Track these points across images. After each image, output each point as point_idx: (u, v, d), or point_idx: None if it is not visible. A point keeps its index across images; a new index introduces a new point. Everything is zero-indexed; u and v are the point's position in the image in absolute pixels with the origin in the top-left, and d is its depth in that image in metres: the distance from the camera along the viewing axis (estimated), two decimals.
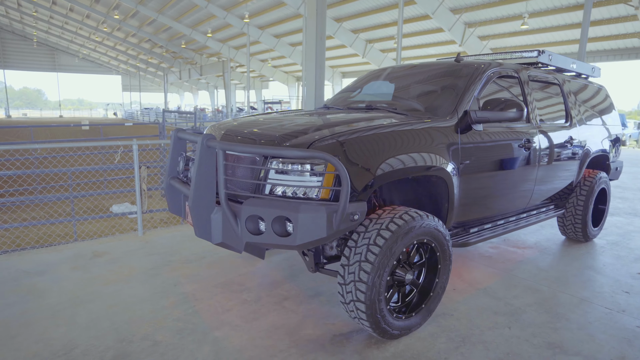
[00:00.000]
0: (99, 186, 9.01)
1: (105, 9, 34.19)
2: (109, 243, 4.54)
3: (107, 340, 2.65)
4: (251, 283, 3.55)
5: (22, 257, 4.07)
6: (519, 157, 3.61)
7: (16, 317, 2.92)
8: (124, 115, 55.81)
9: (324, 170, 2.34)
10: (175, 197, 3.06)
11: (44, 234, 5.94)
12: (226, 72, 34.88)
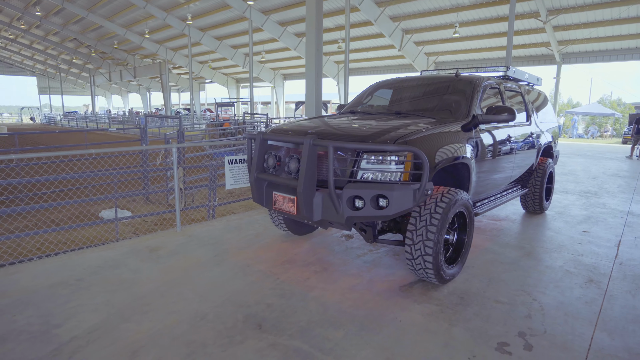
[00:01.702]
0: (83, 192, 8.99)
1: (22, 4, 31.70)
2: (153, 240, 4.99)
3: (228, 307, 3.28)
4: (310, 259, 4.30)
5: (84, 256, 4.43)
6: (506, 148, 4.74)
7: (131, 299, 3.42)
8: (43, 120, 51.61)
9: (404, 159, 3.20)
10: (260, 188, 3.73)
11: (65, 239, 6.11)
12: (164, 74, 34.00)
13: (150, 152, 9.93)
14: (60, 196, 8.57)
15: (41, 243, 6.25)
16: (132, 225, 7.99)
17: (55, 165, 8.30)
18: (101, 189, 9.35)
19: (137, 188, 9.27)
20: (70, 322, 3.06)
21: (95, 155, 8.99)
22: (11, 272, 3.98)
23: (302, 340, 2.80)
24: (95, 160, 8.85)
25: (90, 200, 7.11)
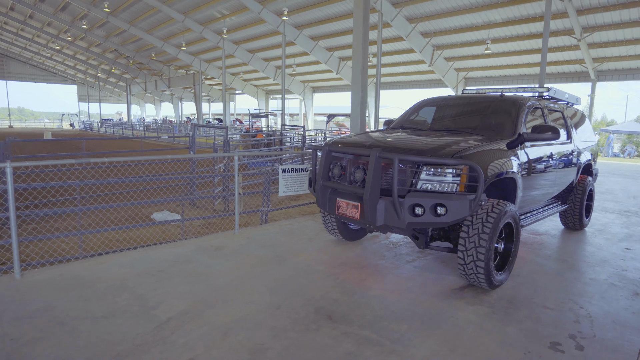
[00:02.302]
0: (136, 195, 9.60)
1: (70, 17, 33.59)
2: (216, 240, 5.44)
3: (297, 300, 3.66)
4: (363, 262, 4.66)
5: (158, 251, 4.91)
6: (548, 165, 5.01)
7: (210, 290, 3.84)
8: (81, 126, 53.94)
9: (461, 172, 3.54)
10: (325, 195, 4.13)
11: (123, 237, 6.65)
12: (197, 84, 35.24)
13: (198, 160, 10.51)
14: (114, 198, 9.17)
15: (105, 239, 6.79)
16: (181, 228, 8.52)
17: (109, 170, 8.93)
18: (153, 192, 9.95)
19: (184, 193, 9.84)
20: (163, 305, 3.49)
21: (157, 161, 9.61)
22: (100, 261, 4.48)
23: (371, 331, 3.15)
24: (149, 165, 9.44)
25: (144, 203, 7.66)
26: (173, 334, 3.05)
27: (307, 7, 22.38)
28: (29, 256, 5.15)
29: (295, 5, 22.44)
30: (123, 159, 4.82)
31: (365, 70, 8.23)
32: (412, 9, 20.42)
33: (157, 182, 10.11)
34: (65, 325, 3.15)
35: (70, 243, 6.58)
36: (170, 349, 2.85)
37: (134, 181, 7.69)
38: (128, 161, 7.62)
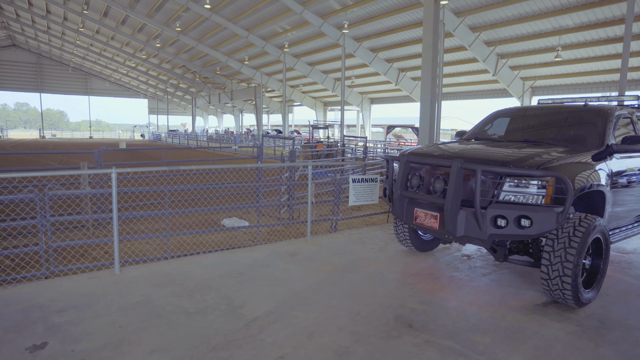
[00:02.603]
0: (206, 202, 10.13)
1: (145, 37, 36.32)
2: (289, 246, 5.64)
3: (376, 307, 3.72)
4: (437, 273, 4.62)
5: (236, 255, 5.18)
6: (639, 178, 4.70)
7: (290, 293, 4.00)
8: (151, 137, 57.71)
9: (546, 184, 3.45)
10: (402, 205, 4.18)
11: (194, 241, 7.06)
12: (258, 97, 36.55)
13: (265, 169, 10.93)
14: (186, 204, 9.74)
15: (181, 242, 7.24)
16: (249, 234, 8.86)
17: (182, 177, 9.51)
18: (222, 200, 10.46)
19: (251, 201, 10.25)
20: (249, 305, 3.70)
21: (238, 169, 10.13)
22: (185, 262, 4.83)
23: (454, 341, 3.14)
24: (219, 174, 9.96)
25: (213, 210, 8.08)
26: (261, 333, 3.22)
27: (368, 20, 22.58)
28: (126, 253, 5.65)
29: (356, 18, 22.73)
30: (208, 167, 5.17)
31: (435, 81, 8.19)
32: (475, 18, 19.95)
33: (226, 189, 10.62)
34: (163, 318, 3.44)
35: (152, 244, 7.10)
36: (260, 347, 3.02)
37: (217, 188, 8.13)
38: (212, 169, 8.12)
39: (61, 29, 40.48)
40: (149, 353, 2.91)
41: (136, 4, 28.52)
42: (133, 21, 32.61)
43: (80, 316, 3.43)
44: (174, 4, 26.75)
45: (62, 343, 3.02)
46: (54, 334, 3.13)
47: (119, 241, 4.46)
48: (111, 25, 34.56)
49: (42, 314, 3.46)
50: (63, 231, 7.02)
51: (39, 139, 53.66)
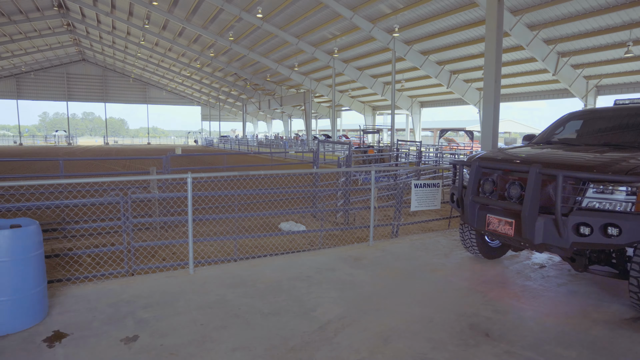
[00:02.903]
0: (263, 206, 10.40)
1: (200, 47, 37.94)
2: (352, 251, 5.67)
3: (449, 314, 3.66)
4: (508, 282, 4.47)
5: (301, 258, 5.28)
6: None
7: (359, 298, 4.03)
8: (203, 142, 60.06)
9: (636, 190, 3.24)
10: (473, 210, 4.09)
11: (255, 244, 7.25)
12: (307, 102, 37.03)
13: (321, 174, 11.07)
14: (242, 208, 10.03)
15: (240, 245, 7.47)
16: (306, 238, 8.98)
17: (244, 181, 9.80)
18: (278, 204, 10.69)
19: (308, 205, 10.39)
20: (320, 308, 3.76)
21: (291, 174, 10.36)
22: (254, 264, 4.99)
23: (536, 353, 3.02)
24: (275, 179, 10.21)
25: (271, 214, 8.27)
26: (336, 336, 3.27)
27: (418, 22, 22.27)
28: (198, 254, 5.93)
29: (406, 21, 22.50)
30: (278, 172, 5.32)
31: (499, 84, 7.93)
32: (533, 16, 19.09)
33: (283, 194, 10.84)
34: (240, 317, 3.58)
35: (215, 245, 7.38)
36: (337, 349, 3.07)
37: (290, 192, 8.31)
38: (282, 174, 8.34)
39: (124, 43, 43.25)
40: (232, 351, 3.04)
41: (192, 16, 29.90)
42: (189, 33, 34.21)
43: (164, 313, 3.64)
44: (227, 14, 27.78)
45: (151, 337, 3.22)
46: (142, 328, 3.35)
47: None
48: (169, 37, 36.46)
49: (130, 309, 3.71)
50: (137, 232, 7.48)
51: (103, 146, 57.49)
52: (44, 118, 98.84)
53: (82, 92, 59.88)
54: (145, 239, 7.21)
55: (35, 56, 50.04)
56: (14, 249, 3.22)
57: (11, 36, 38.88)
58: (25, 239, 3.28)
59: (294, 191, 8.71)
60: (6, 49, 42.38)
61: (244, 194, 5.90)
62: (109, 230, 6.38)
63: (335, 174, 11.40)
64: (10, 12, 32.93)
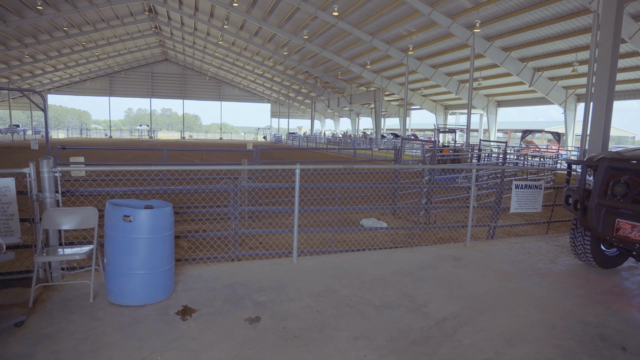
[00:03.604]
0: (345, 201, 10.47)
1: (274, 46, 39.04)
2: (449, 250, 5.53)
3: (571, 322, 3.44)
4: (634, 294, 4.10)
5: (399, 255, 5.24)
6: None
7: (470, 297, 3.91)
8: (272, 139, 61.85)
9: None
10: (599, 214, 3.81)
11: (336, 239, 7.30)
12: (377, 100, 36.74)
13: (403, 171, 10.93)
14: (327, 203, 10.15)
15: (322, 239, 7.57)
16: (388, 235, 8.91)
17: (325, 176, 9.92)
18: (359, 200, 10.71)
19: (388, 202, 10.31)
20: (432, 305, 3.71)
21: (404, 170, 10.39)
22: (352, 257, 5.04)
23: None
24: (359, 174, 10.23)
25: (352, 209, 8.26)
26: (455, 333, 3.20)
27: (501, 17, 21.15)
28: (300, 244, 6.12)
29: (488, 15, 21.47)
30: (383, 167, 5.33)
31: (614, 79, 7.26)
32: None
33: (364, 190, 10.85)
34: (353, 308, 3.62)
35: (303, 236, 7.55)
36: (459, 347, 3.00)
37: (380, 187, 8.33)
38: (385, 169, 8.40)
39: (204, 43, 45.71)
40: (353, 339, 3.09)
41: (269, 16, 30.83)
42: (264, 32, 35.33)
43: (278, 298, 3.79)
44: (303, 13, 28.31)
45: (272, 319, 3.37)
46: (262, 311, 3.51)
47: (283, 232, 4.83)
48: (245, 37, 37.92)
49: (246, 291, 3.91)
50: (226, 221, 7.85)
51: (180, 139, 61.27)
52: (129, 113, 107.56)
53: (164, 89, 64.23)
54: (247, 226, 7.56)
55: (126, 57, 54.50)
56: (153, 227, 3.52)
57: (108, 39, 42.69)
58: (162, 218, 3.57)
59: (376, 187, 8.67)
60: (103, 51, 46.59)
61: (348, 187, 5.97)
62: (215, 216, 6.79)
63: (415, 173, 11.18)
64: (109, 17, 36.18)
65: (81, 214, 3.82)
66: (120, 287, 3.53)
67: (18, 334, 3.02)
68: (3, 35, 32.84)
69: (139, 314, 3.39)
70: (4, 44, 34.96)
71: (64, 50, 42.29)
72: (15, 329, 3.09)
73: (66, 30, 35.54)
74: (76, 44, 41.43)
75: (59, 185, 4.00)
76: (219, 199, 6.34)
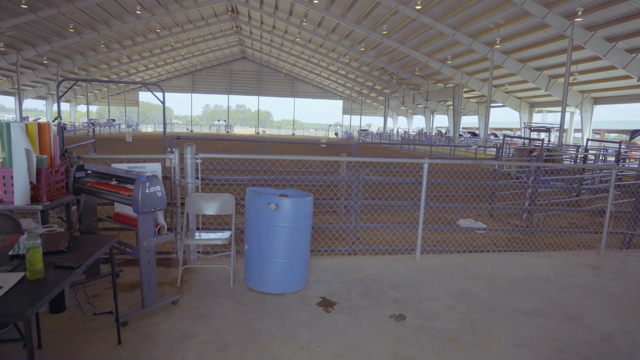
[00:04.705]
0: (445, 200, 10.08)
1: (350, 42, 38.95)
2: (580, 257, 5.04)
3: None
4: None
5: (526, 259, 4.86)
6: None
7: (627, 311, 3.48)
8: (343, 135, 61.96)
9: None
10: None
11: (432, 238, 6.97)
12: (456, 97, 35.30)
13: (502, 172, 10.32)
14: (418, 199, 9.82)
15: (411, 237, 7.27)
16: (487, 237, 8.41)
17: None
18: (456, 199, 10.26)
19: (484, 203, 9.75)
20: (588, 317, 3.35)
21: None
22: (476, 258, 4.76)
23: None
24: (456, 172, 9.75)
25: (449, 207, 7.86)
26: (632, 353, 2.85)
27: (608, 4, 19.19)
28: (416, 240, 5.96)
29: (592, 2, 19.58)
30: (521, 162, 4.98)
31: None
32: None
33: (462, 189, 10.34)
34: (499, 312, 3.38)
35: (395, 234, 7.35)
36: None
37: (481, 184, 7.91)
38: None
39: (281, 41, 46.85)
40: (514, 347, 2.85)
41: (347, 12, 30.76)
42: (342, 28, 35.34)
43: (414, 296, 3.64)
44: (383, 8, 27.87)
45: (418, 318, 3.22)
46: (403, 308, 3.39)
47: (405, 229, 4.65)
48: (322, 34, 38.21)
49: (379, 287, 3.81)
50: (338, 214, 7.78)
51: (255, 134, 63.50)
52: (206, 109, 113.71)
53: (240, 86, 66.96)
54: (360, 220, 7.51)
55: (208, 56, 57.53)
56: (296, 216, 3.53)
57: (193, 39, 45.36)
58: (305, 208, 3.57)
59: (479, 184, 8.21)
60: (188, 50, 49.60)
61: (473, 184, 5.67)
62: (328, 209, 6.82)
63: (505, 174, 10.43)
64: (195, 19, 38.39)
65: (220, 200, 3.95)
66: (260, 274, 3.59)
67: (176, 312, 3.17)
68: (107, 39, 36.16)
69: (281, 302, 3.42)
70: (107, 47, 38.49)
71: (155, 50, 45.64)
72: (172, 307, 3.25)
73: (158, 32, 38.27)
74: (166, 45, 44.49)
75: (199, 171, 4.18)
76: (325, 191, 6.32)
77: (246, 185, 5.81)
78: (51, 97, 50.96)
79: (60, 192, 3.59)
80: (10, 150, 3.24)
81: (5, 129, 3.19)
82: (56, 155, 3.62)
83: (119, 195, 3.09)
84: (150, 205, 2.93)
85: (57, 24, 30.50)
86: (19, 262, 2.16)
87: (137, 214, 2.95)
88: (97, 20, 31.90)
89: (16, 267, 2.11)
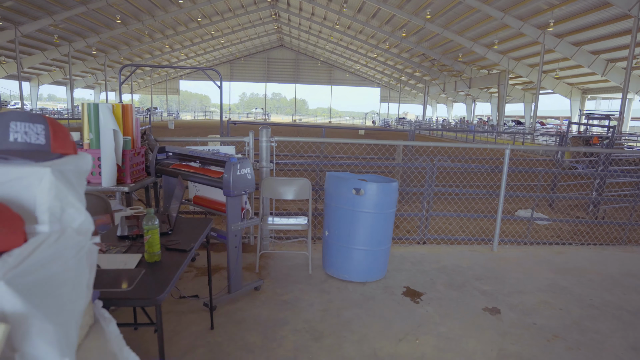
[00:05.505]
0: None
1: (391, 28, 38.07)
2: None
3: None
4: None
5: (602, 252, 4.53)
6: None
7: None
8: (380, 123, 61.14)
9: None
10: None
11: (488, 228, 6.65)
12: (502, 84, 33.92)
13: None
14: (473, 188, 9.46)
15: (480, 226, 6.96)
16: (550, 230, 7.98)
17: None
18: (510, 188, 9.82)
19: (546, 192, 9.26)
20: None
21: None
22: (557, 250, 4.48)
23: None
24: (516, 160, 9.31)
25: (524, 196, 7.46)
26: None
27: None
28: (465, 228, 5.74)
29: None
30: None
31: None
32: None
33: (542, 177, 9.88)
34: (600, 310, 3.14)
35: (453, 223, 7.08)
36: None
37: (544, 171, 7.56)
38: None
39: (319, 28, 46.44)
40: (632, 349, 2.62)
41: None
42: (383, 14, 34.55)
43: (503, 289, 3.45)
44: None
45: (513, 312, 3.04)
46: (495, 301, 3.20)
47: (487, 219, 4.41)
48: (362, 20, 37.53)
49: (463, 278, 3.63)
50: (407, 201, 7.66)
51: (291, 122, 63.76)
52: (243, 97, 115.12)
53: (278, 74, 67.22)
54: (429, 209, 7.34)
55: (246, 44, 57.96)
56: (380, 203, 3.39)
57: (232, 28, 45.74)
58: (390, 194, 3.42)
59: (564, 172, 7.78)
60: (228, 39, 50.15)
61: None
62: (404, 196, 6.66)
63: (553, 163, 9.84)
64: (235, 7, 38.62)
65: (296, 185, 3.86)
66: (341, 262, 3.49)
67: (261, 298, 3.13)
68: (150, 29, 37.05)
69: (365, 291, 3.32)
70: (151, 36, 39.47)
71: (195, 39, 46.37)
72: (255, 293, 3.21)
73: (199, 20, 38.79)
74: (206, 34, 45.11)
75: (274, 155, 4.11)
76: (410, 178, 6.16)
77: (305, 171, 5.73)
78: (98, 86, 53.03)
79: (140, 174, 3.61)
80: (98, 132, 3.25)
81: (93, 110, 3.20)
82: (137, 137, 3.64)
83: (207, 178, 3.06)
84: (240, 187, 2.87)
85: (106, 15, 31.46)
86: (131, 244, 2.14)
87: (227, 196, 2.89)
88: (142, 11, 32.66)
89: (129, 247, 2.09)
